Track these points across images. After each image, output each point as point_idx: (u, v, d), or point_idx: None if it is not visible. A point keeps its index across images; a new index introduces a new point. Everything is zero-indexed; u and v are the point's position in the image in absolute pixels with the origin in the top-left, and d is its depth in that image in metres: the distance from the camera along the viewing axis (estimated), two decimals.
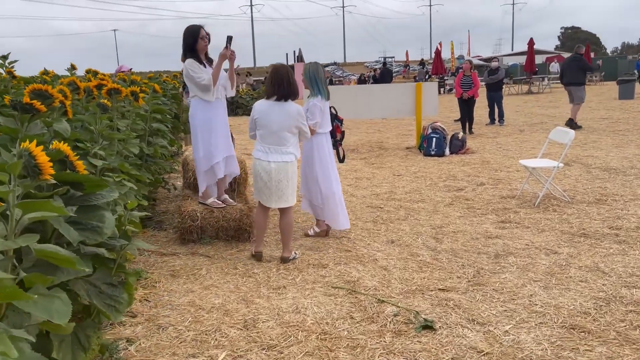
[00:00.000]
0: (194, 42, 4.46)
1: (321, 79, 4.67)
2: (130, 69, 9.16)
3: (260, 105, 4.16)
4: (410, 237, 4.83)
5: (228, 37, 4.51)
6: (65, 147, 2.20)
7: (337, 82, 40.73)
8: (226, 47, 4.51)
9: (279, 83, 4.09)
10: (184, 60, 4.49)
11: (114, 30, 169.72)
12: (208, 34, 4.53)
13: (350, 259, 4.29)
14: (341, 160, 5.42)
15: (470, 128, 11.68)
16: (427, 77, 31.49)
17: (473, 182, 6.93)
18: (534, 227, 4.97)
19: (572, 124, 11.35)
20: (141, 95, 4.93)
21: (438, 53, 28.46)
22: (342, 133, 5.45)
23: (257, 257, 4.29)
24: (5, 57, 5.87)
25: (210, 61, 4.63)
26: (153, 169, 5.31)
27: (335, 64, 70.37)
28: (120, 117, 4.27)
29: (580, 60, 12.08)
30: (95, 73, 6.87)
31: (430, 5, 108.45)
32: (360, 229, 5.12)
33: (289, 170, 4.16)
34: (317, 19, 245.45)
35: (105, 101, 3.72)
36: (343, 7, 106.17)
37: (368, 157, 9.21)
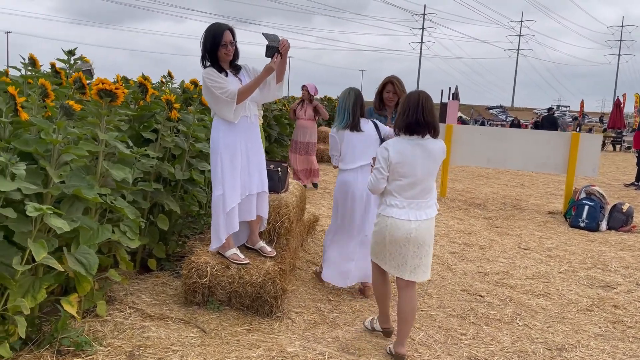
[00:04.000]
0: (213, 47, 3.32)
1: (350, 104, 3.73)
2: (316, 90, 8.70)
3: (399, 145, 2.93)
4: (505, 359, 3.16)
5: (267, 38, 3.33)
6: None
7: (498, 126, 38.02)
8: (273, 55, 3.33)
9: (406, 111, 2.93)
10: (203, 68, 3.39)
11: (290, 57, 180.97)
12: (235, 41, 3.37)
13: None
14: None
15: None
16: (574, 128, 27.55)
17: (631, 279, 4.86)
18: None
19: None
20: (176, 105, 3.96)
21: (618, 105, 24.62)
22: None
23: (387, 333, 3.35)
24: None
25: (237, 69, 3.48)
26: (187, 197, 4.31)
27: (501, 107, 66.52)
28: (115, 129, 3.29)
29: None
30: (144, 79, 6.25)
31: (619, 55, 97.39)
32: (436, 327, 3.55)
33: (432, 228, 3.06)
34: (488, 60, 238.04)
35: (72, 103, 2.71)
36: (518, 50, 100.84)
37: (494, 218, 7.35)
